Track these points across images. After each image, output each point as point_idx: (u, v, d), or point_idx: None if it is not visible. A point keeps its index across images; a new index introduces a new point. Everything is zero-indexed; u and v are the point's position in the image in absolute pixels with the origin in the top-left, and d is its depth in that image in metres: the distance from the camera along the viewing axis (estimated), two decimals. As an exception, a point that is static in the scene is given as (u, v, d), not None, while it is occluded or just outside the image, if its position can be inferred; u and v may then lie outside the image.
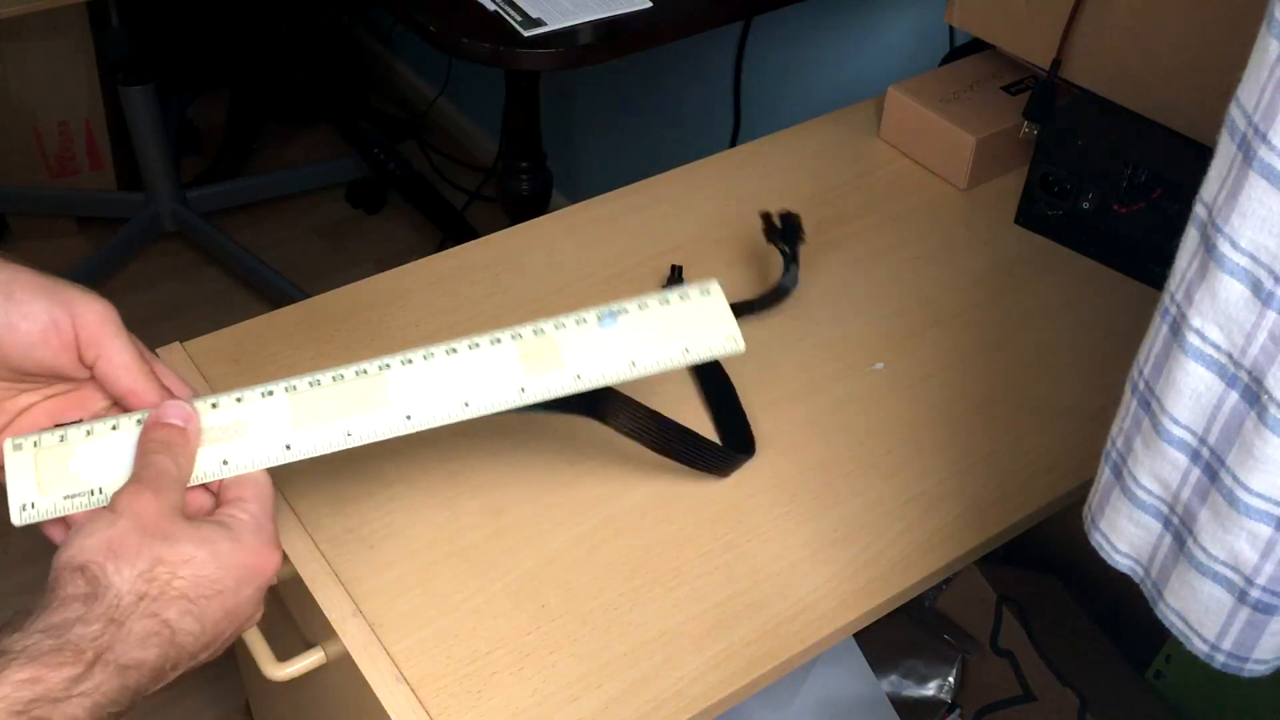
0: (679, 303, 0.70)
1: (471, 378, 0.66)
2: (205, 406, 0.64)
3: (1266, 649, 0.57)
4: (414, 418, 0.65)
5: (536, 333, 0.68)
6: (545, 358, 0.67)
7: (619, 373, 0.68)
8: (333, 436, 0.64)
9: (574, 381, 0.67)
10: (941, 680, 1.04)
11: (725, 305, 0.70)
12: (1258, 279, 0.48)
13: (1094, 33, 0.98)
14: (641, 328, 0.69)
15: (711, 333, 0.69)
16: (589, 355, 0.68)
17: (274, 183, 2.17)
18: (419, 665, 0.69)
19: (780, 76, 1.61)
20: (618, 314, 0.69)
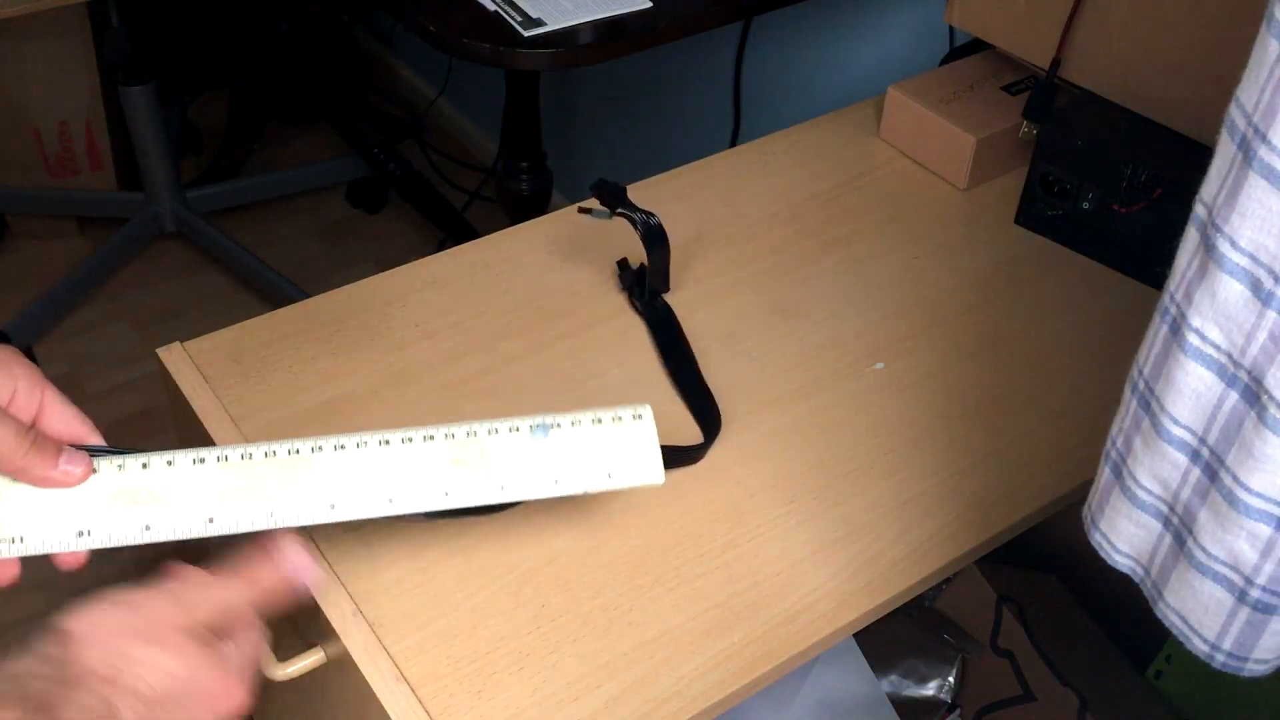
0: (611, 425, 0.70)
1: (400, 473, 0.67)
2: (136, 465, 0.64)
3: (1266, 649, 0.57)
4: (338, 507, 0.65)
5: (469, 435, 0.69)
6: (473, 462, 0.68)
7: (542, 489, 0.69)
8: (256, 515, 0.64)
9: (498, 491, 0.68)
10: (941, 680, 1.04)
11: (653, 434, 0.71)
12: (1257, 279, 0.48)
13: (1094, 33, 0.98)
14: (571, 445, 0.69)
15: (637, 462, 0.70)
16: (516, 466, 0.68)
17: (274, 183, 2.17)
18: (419, 665, 0.69)
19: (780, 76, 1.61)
20: (550, 428, 0.69)
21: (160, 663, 0.58)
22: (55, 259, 2.01)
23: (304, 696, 0.86)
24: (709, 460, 0.81)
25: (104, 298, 1.96)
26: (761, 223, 1.02)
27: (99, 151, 2.04)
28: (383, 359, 0.87)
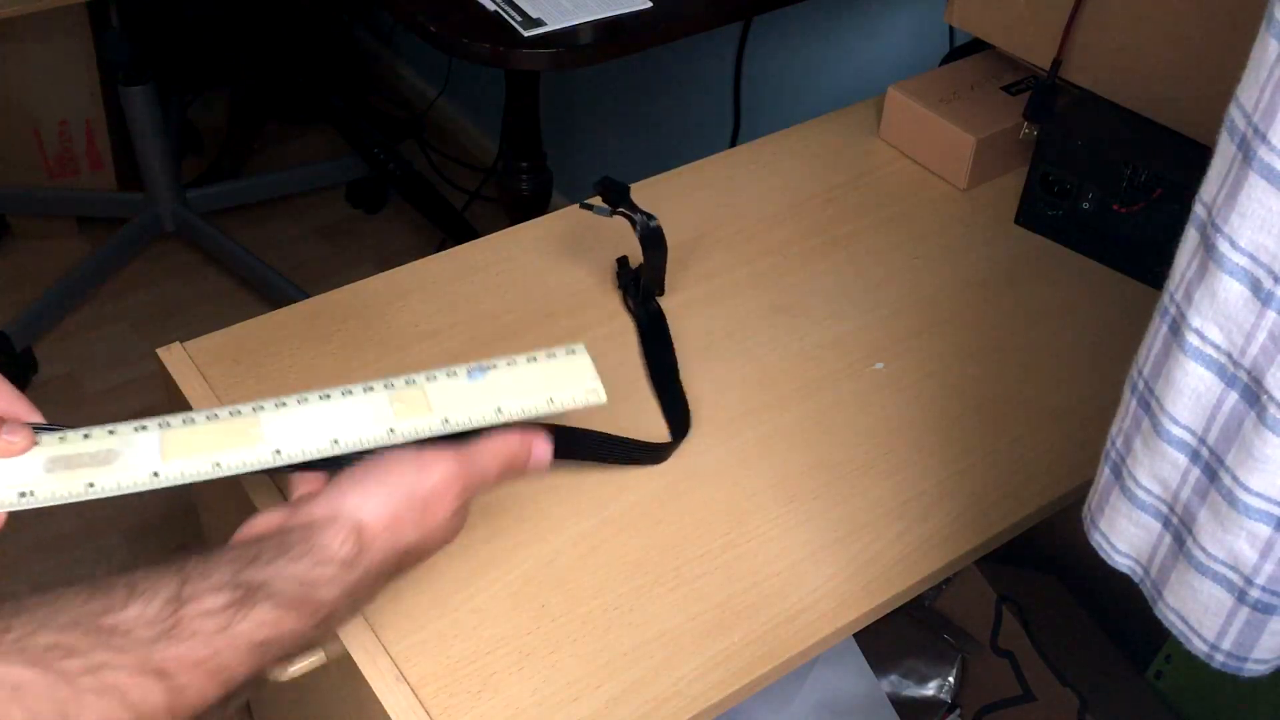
0: (546, 360, 0.72)
1: (343, 419, 0.68)
2: (77, 436, 0.64)
3: (1266, 649, 0.57)
4: (283, 452, 0.66)
5: (408, 383, 0.70)
6: (415, 404, 0.69)
7: (485, 417, 0.70)
8: (201, 466, 0.65)
9: (441, 424, 0.69)
10: (941, 680, 1.04)
11: (588, 361, 0.73)
12: (1257, 279, 0.48)
13: (1094, 33, 0.98)
14: (509, 382, 0.71)
15: (575, 386, 0.72)
16: (457, 403, 0.70)
17: (274, 183, 2.17)
18: (419, 665, 0.69)
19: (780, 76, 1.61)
20: (487, 369, 0.71)
21: (427, 547, 0.61)
22: (55, 259, 2.01)
23: (304, 696, 0.86)
24: (709, 460, 0.82)
25: (104, 298, 1.96)
26: (761, 223, 1.02)
27: (99, 151, 2.03)
28: (383, 359, 0.87)
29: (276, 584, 0.54)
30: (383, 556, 0.58)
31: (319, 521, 0.58)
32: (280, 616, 0.54)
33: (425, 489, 0.61)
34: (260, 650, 0.53)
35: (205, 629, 0.51)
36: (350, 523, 0.58)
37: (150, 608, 0.51)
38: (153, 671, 0.49)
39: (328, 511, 0.58)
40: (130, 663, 0.49)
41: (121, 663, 0.49)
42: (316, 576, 0.56)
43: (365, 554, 0.57)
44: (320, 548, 0.57)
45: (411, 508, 0.60)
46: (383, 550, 0.58)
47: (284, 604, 0.54)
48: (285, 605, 0.54)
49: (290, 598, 0.54)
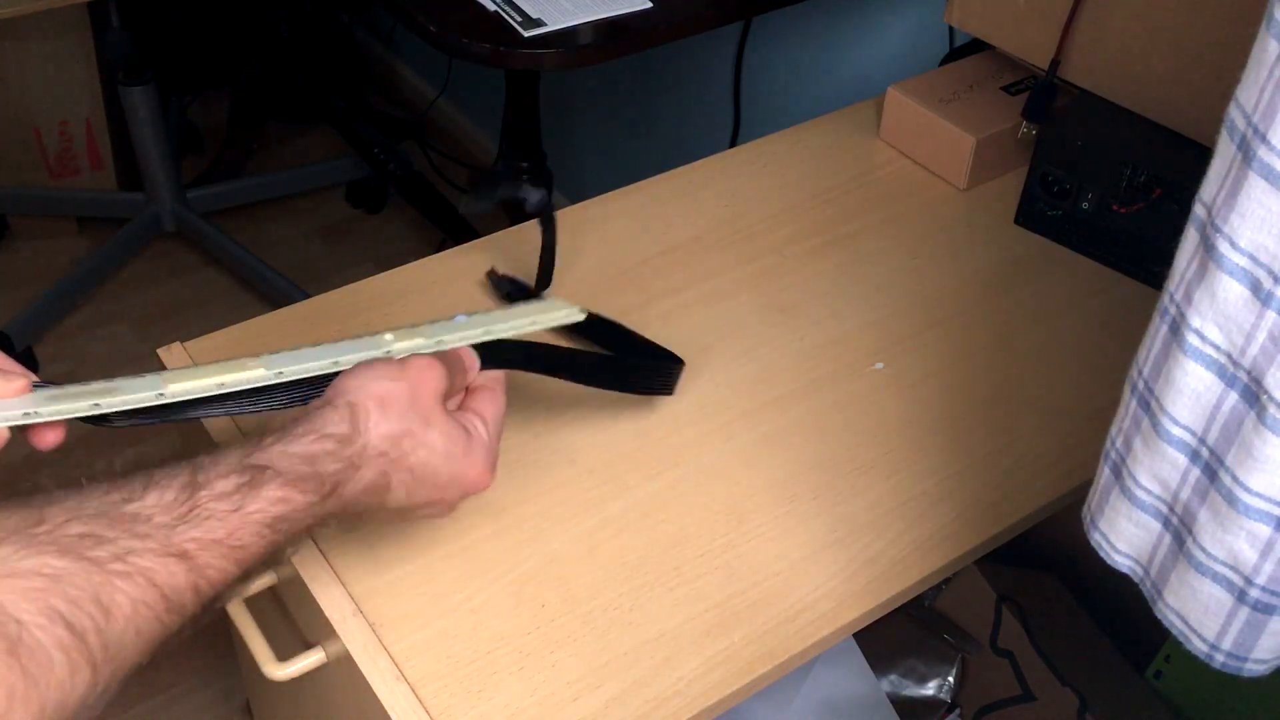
0: (521, 304, 0.79)
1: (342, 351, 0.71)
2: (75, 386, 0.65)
3: (1266, 649, 0.57)
4: (285, 372, 0.68)
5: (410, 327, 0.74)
6: (411, 334, 0.73)
7: (475, 336, 0.74)
8: (205, 383, 0.66)
9: (435, 345, 0.72)
10: (941, 680, 1.04)
11: (564, 301, 0.80)
12: (1257, 279, 0.48)
13: (1093, 33, 0.98)
14: (495, 316, 0.76)
15: (555, 311, 0.79)
16: (449, 331, 0.74)
17: (274, 183, 2.17)
18: (419, 665, 0.69)
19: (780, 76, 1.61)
20: (475, 313, 0.76)
21: (428, 438, 0.63)
22: (55, 259, 2.01)
23: (304, 696, 0.86)
24: (709, 460, 0.82)
25: (104, 298, 1.96)
26: (761, 223, 1.02)
27: (99, 151, 2.03)
28: (383, 359, 0.87)
29: (281, 464, 0.58)
30: (379, 433, 0.61)
31: (313, 408, 0.63)
32: (289, 493, 0.57)
33: (410, 374, 0.64)
34: (274, 527, 0.57)
35: (219, 511, 0.55)
36: (342, 402, 0.62)
37: (167, 495, 0.55)
38: (175, 554, 0.53)
39: (320, 401, 0.63)
40: (154, 547, 0.53)
41: (146, 548, 0.53)
42: (316, 451, 0.59)
43: (360, 429, 0.61)
44: (317, 427, 0.61)
45: (399, 390, 0.63)
46: (377, 426, 0.61)
47: (290, 481, 0.58)
48: (292, 482, 0.58)
49: (296, 475, 0.58)
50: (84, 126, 1.99)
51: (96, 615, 0.50)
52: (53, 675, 0.48)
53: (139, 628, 0.52)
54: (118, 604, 0.51)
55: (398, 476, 0.62)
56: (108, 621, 0.50)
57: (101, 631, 0.50)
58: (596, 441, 0.82)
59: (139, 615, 0.52)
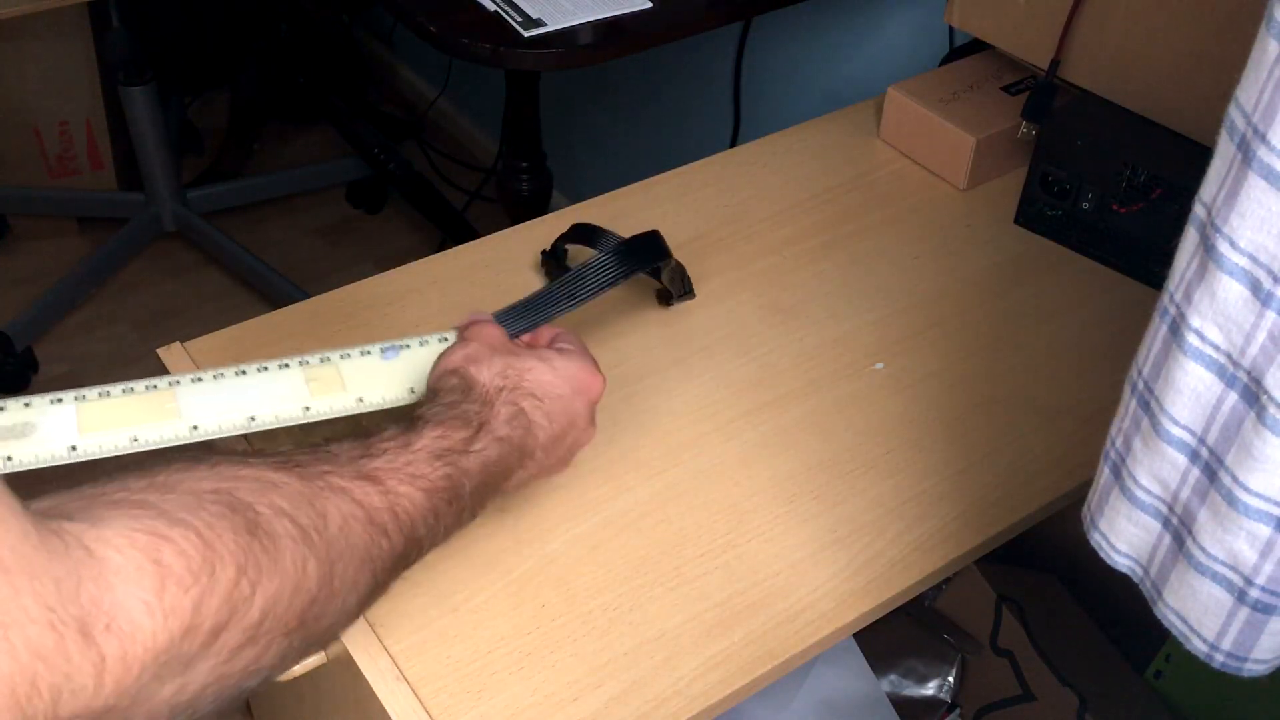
0: (402, 352, 0.76)
1: (259, 396, 0.69)
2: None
3: (1265, 649, 0.57)
4: (200, 428, 0.67)
5: (323, 360, 0.72)
6: (330, 383, 0.72)
7: (399, 397, 0.73)
8: (119, 440, 0.66)
9: (356, 404, 0.71)
10: (941, 680, 1.04)
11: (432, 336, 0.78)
12: (1257, 279, 0.48)
13: (1093, 33, 0.98)
14: (423, 362, 0.74)
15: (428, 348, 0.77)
16: (370, 382, 0.73)
17: (274, 183, 2.17)
18: (419, 665, 0.69)
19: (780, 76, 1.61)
20: (400, 348, 0.75)
21: (527, 363, 0.70)
22: (55, 259, 2.01)
23: (304, 696, 0.86)
24: (709, 460, 0.82)
25: (104, 298, 1.97)
26: (761, 223, 1.02)
27: (99, 152, 2.04)
28: (383, 359, 0.87)
29: (429, 414, 0.66)
30: (488, 375, 0.69)
31: (432, 388, 0.70)
32: (444, 430, 0.65)
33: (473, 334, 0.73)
34: (442, 458, 0.63)
35: (391, 448, 0.63)
36: (445, 375, 0.70)
37: (345, 443, 0.62)
38: (365, 476, 0.60)
39: (432, 377, 0.71)
40: (347, 471, 0.60)
41: (340, 471, 0.60)
42: (450, 400, 0.67)
43: (472, 380, 0.68)
44: (441, 389, 0.69)
45: (475, 347, 0.71)
46: (481, 373, 0.69)
47: (443, 422, 0.65)
48: (445, 423, 0.65)
49: (445, 417, 0.66)
50: (84, 126, 1.99)
51: (314, 517, 0.56)
52: (288, 558, 0.53)
53: (351, 539, 0.58)
54: (330, 513, 0.57)
55: (527, 402, 0.69)
56: (325, 524, 0.56)
57: (322, 532, 0.56)
58: (597, 442, 0.82)
59: (349, 527, 0.58)
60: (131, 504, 0.50)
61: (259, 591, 0.51)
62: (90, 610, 0.45)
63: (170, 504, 0.50)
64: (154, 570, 0.47)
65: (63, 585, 0.44)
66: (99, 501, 0.50)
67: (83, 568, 0.45)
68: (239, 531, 0.51)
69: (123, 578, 0.46)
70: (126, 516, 0.49)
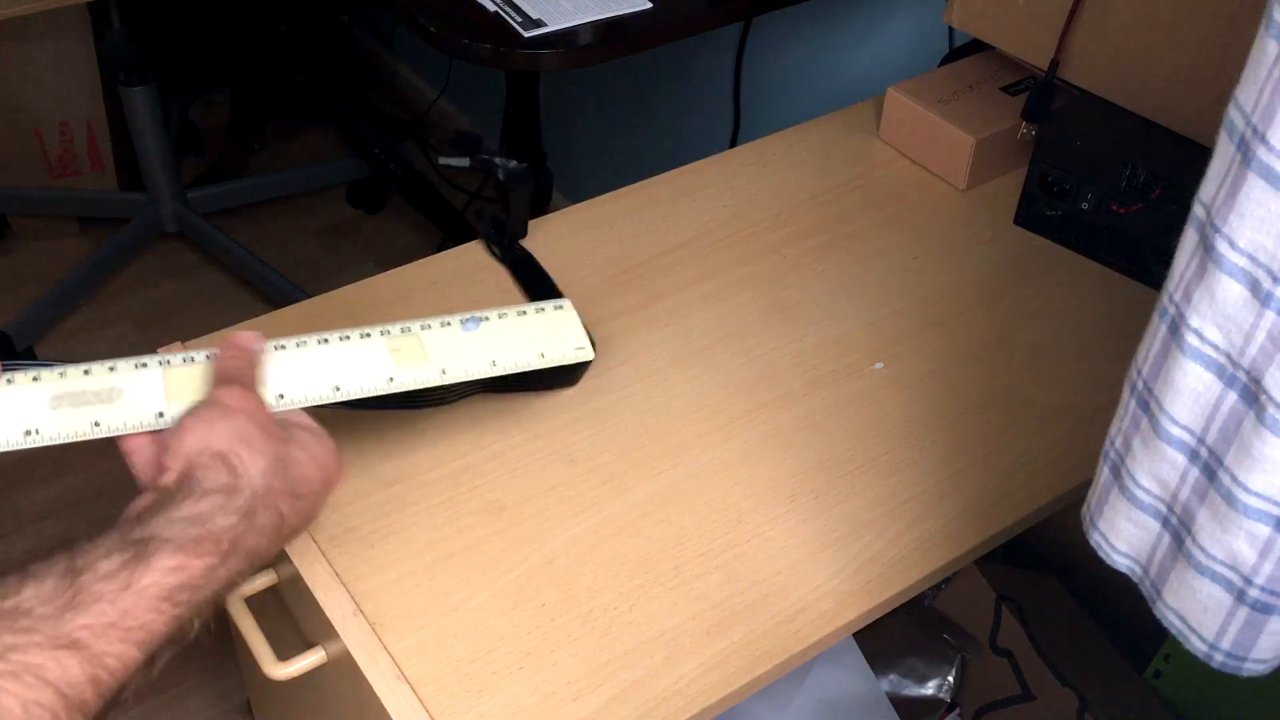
0: (535, 315, 0.76)
1: (342, 365, 0.69)
2: (78, 371, 0.65)
3: (1265, 648, 0.57)
4: (286, 396, 0.67)
5: (404, 331, 0.72)
6: (412, 353, 0.71)
7: (481, 370, 0.72)
8: None
9: (439, 375, 0.71)
10: (941, 680, 1.04)
11: (576, 319, 0.77)
12: (1256, 279, 0.48)
13: (1093, 33, 0.98)
14: (501, 334, 0.74)
15: (565, 342, 0.76)
16: (453, 354, 0.72)
17: (274, 183, 2.17)
18: (419, 665, 0.69)
19: (780, 76, 1.61)
20: (480, 320, 0.74)
21: (294, 455, 0.61)
22: (56, 259, 2.01)
23: (304, 696, 0.86)
24: (709, 460, 0.82)
25: (104, 298, 1.96)
26: (761, 223, 1.02)
27: (100, 152, 2.03)
28: (383, 359, 0.87)
29: (166, 531, 0.54)
30: (259, 469, 0.58)
31: (181, 472, 0.58)
32: (183, 560, 0.53)
33: (239, 404, 0.61)
34: (172, 599, 0.52)
35: (108, 591, 0.51)
36: (208, 453, 0.58)
37: (45, 586, 0.50)
38: (65, 645, 0.49)
39: (182, 462, 0.58)
40: (39, 640, 0.48)
41: (31, 642, 0.48)
42: (202, 510, 0.56)
43: (241, 473, 0.58)
44: (194, 487, 0.57)
45: (243, 423, 0.60)
46: (254, 464, 0.59)
47: (181, 546, 0.53)
48: (183, 547, 0.53)
49: (186, 539, 0.54)
50: (85, 127, 1.99)
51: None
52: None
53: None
54: (6, 708, 0.46)
55: (286, 504, 0.60)
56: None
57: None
58: (596, 441, 0.82)
59: (31, 717, 0.47)
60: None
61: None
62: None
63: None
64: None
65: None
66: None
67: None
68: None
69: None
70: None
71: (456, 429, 0.82)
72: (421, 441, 0.81)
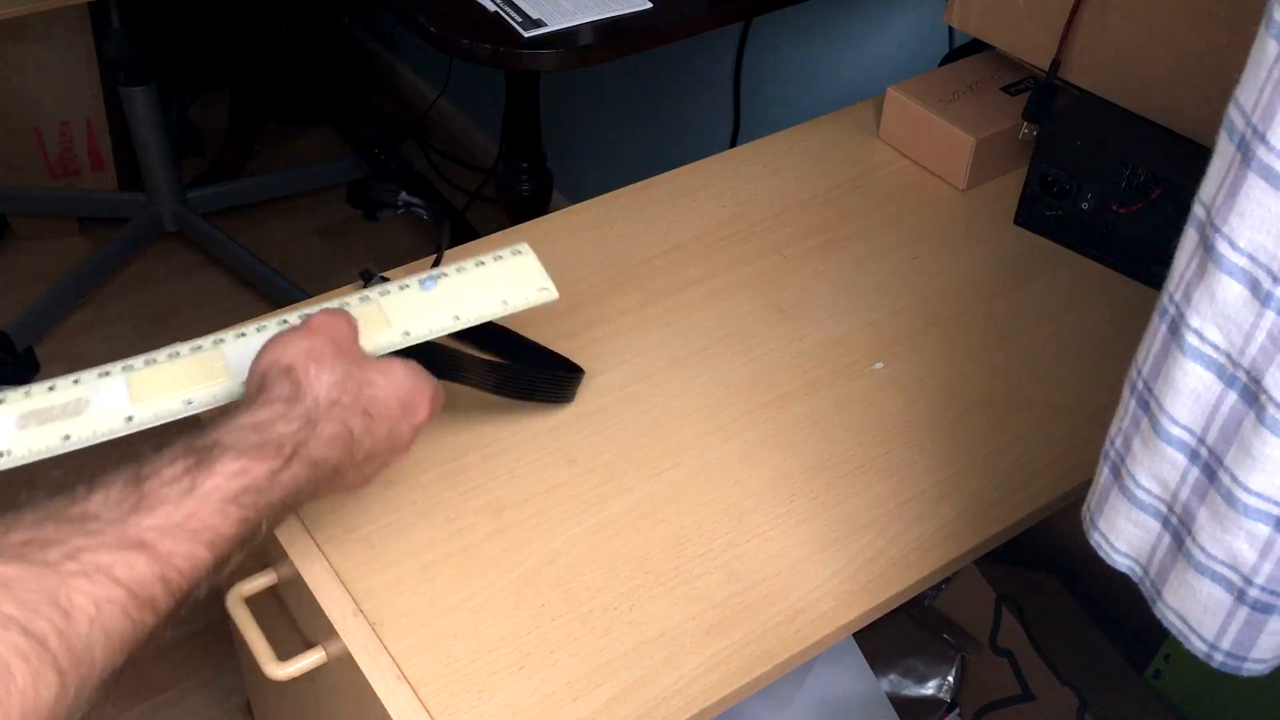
0: (493, 264, 0.74)
1: None
2: (42, 389, 0.65)
3: (1265, 648, 0.57)
4: None
5: (362, 300, 0.72)
6: (374, 320, 0.70)
7: (444, 325, 0.72)
8: (173, 405, 0.65)
9: (402, 337, 0.70)
10: (941, 679, 1.04)
11: (536, 261, 0.75)
12: (1256, 279, 0.48)
13: (1093, 33, 0.98)
14: (461, 288, 0.73)
15: (526, 286, 0.74)
16: (414, 315, 0.71)
17: (274, 183, 2.17)
18: (419, 665, 0.69)
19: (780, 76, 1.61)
20: (438, 278, 0.73)
21: (369, 375, 0.62)
22: (56, 259, 2.01)
23: (304, 696, 0.86)
24: (709, 460, 0.82)
25: (104, 298, 1.96)
26: (761, 223, 1.02)
27: (100, 152, 2.04)
28: (383, 359, 0.87)
29: (228, 438, 0.55)
30: (324, 383, 0.60)
31: (254, 386, 0.61)
32: (245, 464, 0.55)
33: (323, 327, 0.64)
34: (237, 502, 0.54)
35: (172, 495, 0.52)
36: (276, 368, 0.61)
37: (112, 492, 0.52)
38: (132, 545, 0.51)
39: (256, 377, 0.61)
40: (108, 541, 0.50)
41: (99, 543, 0.50)
42: (263, 418, 0.57)
43: (304, 386, 0.60)
44: (259, 398, 0.59)
45: (320, 343, 0.62)
46: (319, 378, 0.60)
47: (243, 451, 0.55)
48: (245, 452, 0.55)
49: (247, 444, 0.55)
50: (85, 127, 1.99)
51: (55, 618, 0.47)
52: (14, 685, 0.45)
53: (106, 628, 0.49)
54: (77, 605, 0.48)
55: (356, 421, 0.61)
56: (68, 623, 0.47)
57: (63, 634, 0.47)
58: (596, 441, 0.82)
59: (104, 614, 0.49)
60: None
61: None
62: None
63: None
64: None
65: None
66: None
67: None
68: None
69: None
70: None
71: (456, 429, 0.82)
72: (421, 441, 0.80)
